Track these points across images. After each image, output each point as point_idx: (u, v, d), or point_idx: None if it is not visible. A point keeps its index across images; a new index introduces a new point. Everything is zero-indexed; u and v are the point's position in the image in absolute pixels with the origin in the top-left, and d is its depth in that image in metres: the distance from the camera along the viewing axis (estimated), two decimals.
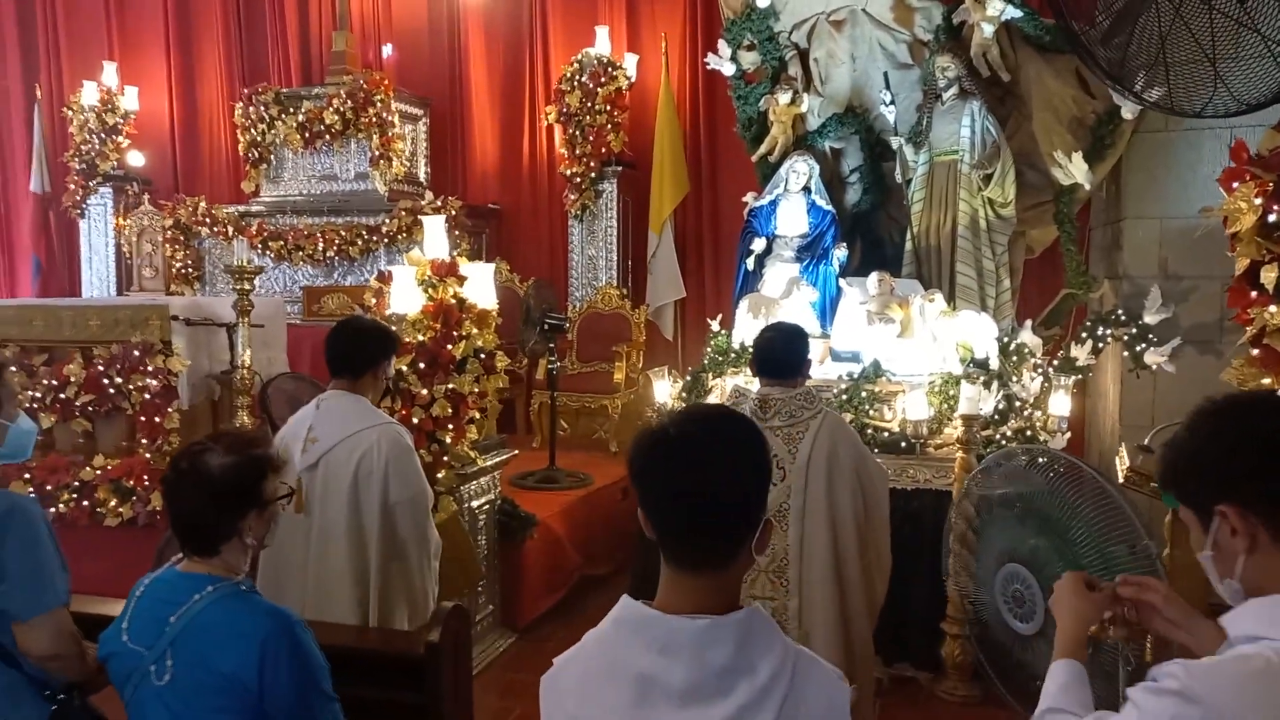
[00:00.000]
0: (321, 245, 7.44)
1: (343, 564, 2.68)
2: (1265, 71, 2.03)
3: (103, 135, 8.35)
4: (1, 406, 2.02)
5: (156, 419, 5.30)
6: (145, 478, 5.17)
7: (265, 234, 7.55)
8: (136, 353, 5.29)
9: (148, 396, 5.30)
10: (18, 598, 1.82)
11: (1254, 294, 2.22)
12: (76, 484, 5.25)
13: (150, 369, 5.28)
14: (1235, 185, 2.22)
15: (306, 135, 7.57)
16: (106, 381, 5.34)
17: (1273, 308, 2.14)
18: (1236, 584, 1.25)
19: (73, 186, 8.34)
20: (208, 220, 7.79)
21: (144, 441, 5.36)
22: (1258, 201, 2.06)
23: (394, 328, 3.91)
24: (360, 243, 7.41)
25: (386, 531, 2.69)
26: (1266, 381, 2.22)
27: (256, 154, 7.79)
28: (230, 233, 7.65)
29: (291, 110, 7.64)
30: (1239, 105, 2.08)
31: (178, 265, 7.88)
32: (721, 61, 5.58)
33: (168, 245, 7.88)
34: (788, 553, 3.13)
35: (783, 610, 3.18)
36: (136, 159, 8.61)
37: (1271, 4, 1.99)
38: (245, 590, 1.78)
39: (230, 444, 1.79)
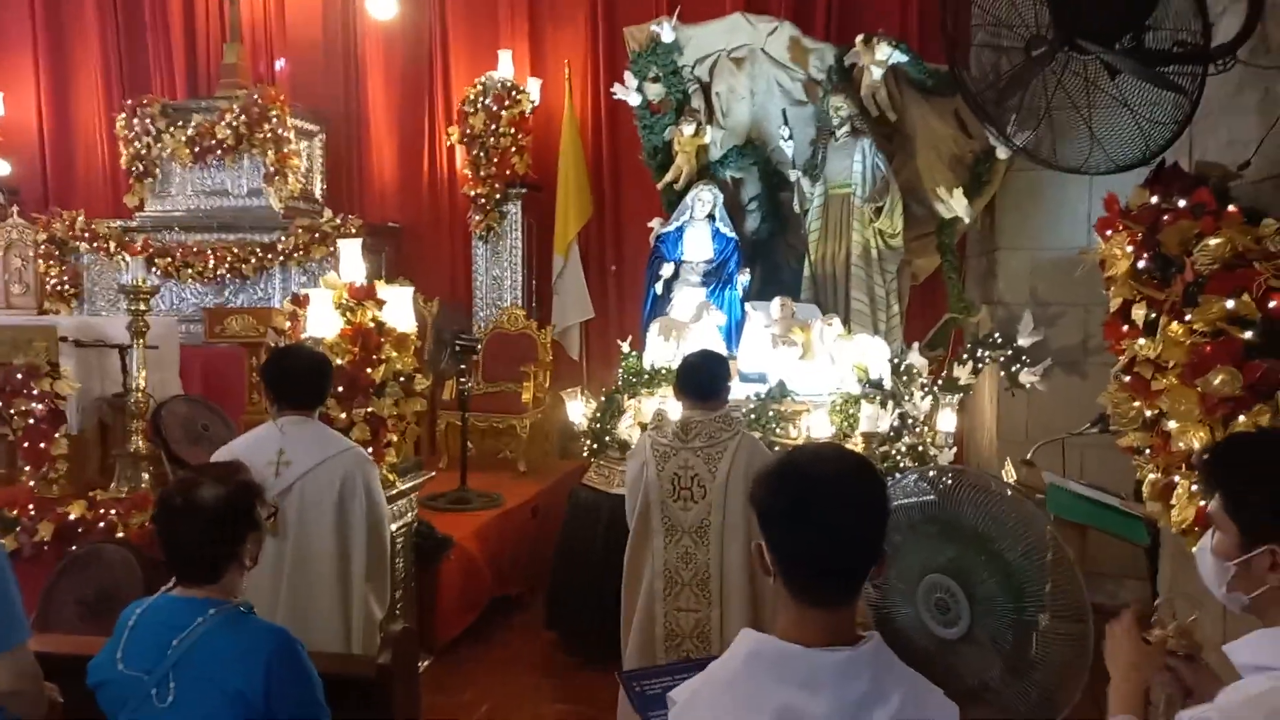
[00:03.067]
0: (212, 263, 7.20)
1: (326, 585, 2.71)
2: (1132, 139, 2.37)
3: None
4: None
5: (42, 445, 5.03)
6: (30, 507, 4.90)
7: (151, 250, 7.25)
8: (20, 375, 5.02)
9: (32, 422, 5.03)
10: None
11: (1125, 328, 2.56)
12: None
13: (36, 393, 5.02)
14: (1109, 233, 2.55)
15: (196, 150, 7.33)
16: None
17: (1142, 340, 2.46)
18: (1247, 600, 1.37)
19: None
20: (86, 235, 7.43)
21: (27, 469, 5.08)
22: (1129, 249, 2.39)
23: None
24: (254, 260, 7.22)
25: (372, 551, 2.76)
26: (1136, 405, 2.55)
27: (141, 167, 7.48)
28: (112, 249, 7.31)
29: (180, 124, 7.38)
30: (1112, 165, 2.41)
31: (52, 282, 7.46)
32: (628, 92, 5.77)
33: (41, 261, 7.45)
34: (709, 567, 3.33)
35: (705, 621, 3.35)
36: (1, 168, 8.12)
37: (1137, 82, 2.32)
38: (245, 612, 1.84)
39: (216, 475, 1.84)
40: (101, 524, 4.57)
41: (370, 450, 4.12)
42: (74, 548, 4.31)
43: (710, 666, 1.34)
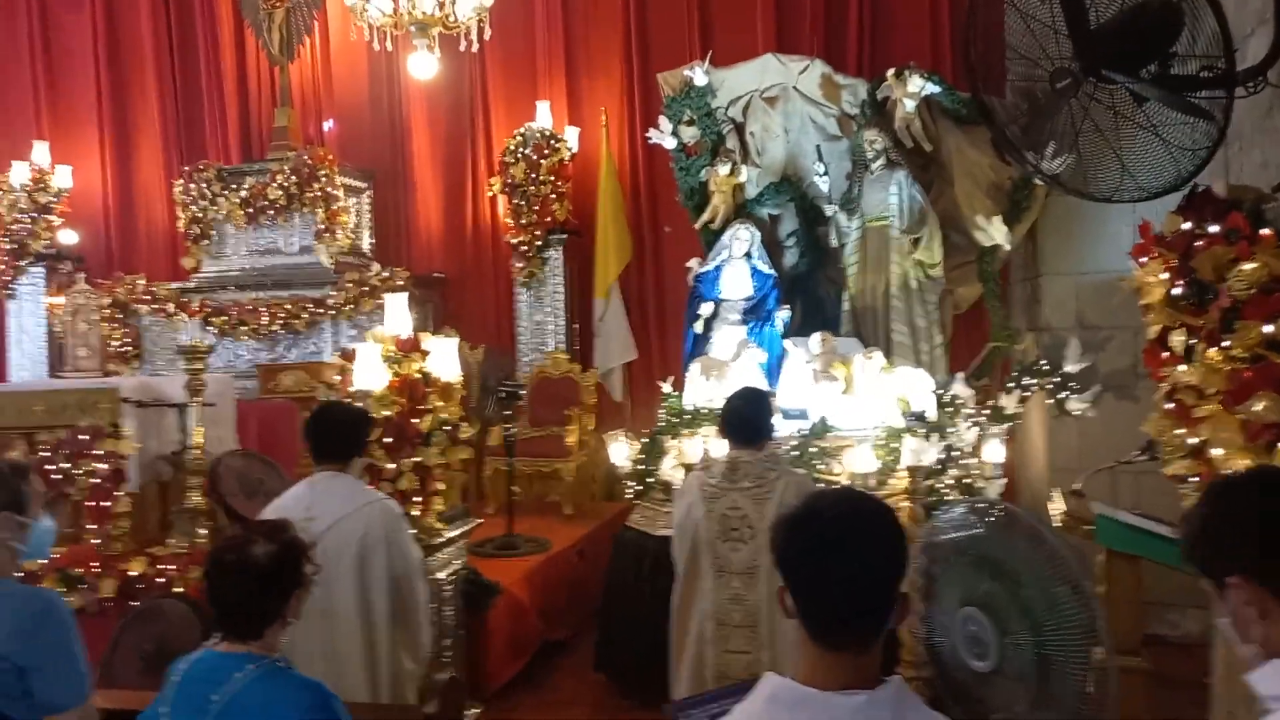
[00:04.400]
0: (266, 319, 7.44)
1: (349, 639, 2.75)
2: (1162, 165, 2.35)
3: (34, 214, 8.22)
4: (27, 507, 2.09)
5: (105, 503, 5.21)
6: (94, 565, 5.06)
7: (207, 310, 7.52)
8: (85, 437, 5.22)
9: (96, 481, 5.22)
10: (57, 690, 1.92)
11: (1165, 354, 2.52)
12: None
13: (99, 453, 5.20)
14: (1144, 260, 2.52)
15: (250, 211, 7.61)
16: (52, 468, 5.24)
17: (1182, 367, 2.41)
18: (1256, 647, 1.35)
19: (2, 267, 8.17)
20: (147, 298, 7.73)
21: (91, 527, 5.26)
22: (1164, 276, 2.36)
23: (360, 404, 4.01)
24: (306, 316, 7.44)
25: (395, 603, 2.80)
26: (1180, 432, 2.50)
27: (198, 230, 7.78)
28: (171, 310, 7.59)
29: (234, 186, 7.68)
30: (1143, 193, 2.39)
31: (115, 344, 7.76)
32: (663, 136, 5.87)
33: (105, 324, 7.76)
34: (759, 609, 3.30)
35: (757, 663, 3.32)
36: (69, 237, 8.49)
37: (1164, 110, 2.31)
38: (283, 667, 1.88)
39: (266, 532, 1.90)
40: (161, 579, 4.70)
41: (419, 499, 4.20)
42: (135, 603, 4.42)
43: (735, 709, 1.36)
